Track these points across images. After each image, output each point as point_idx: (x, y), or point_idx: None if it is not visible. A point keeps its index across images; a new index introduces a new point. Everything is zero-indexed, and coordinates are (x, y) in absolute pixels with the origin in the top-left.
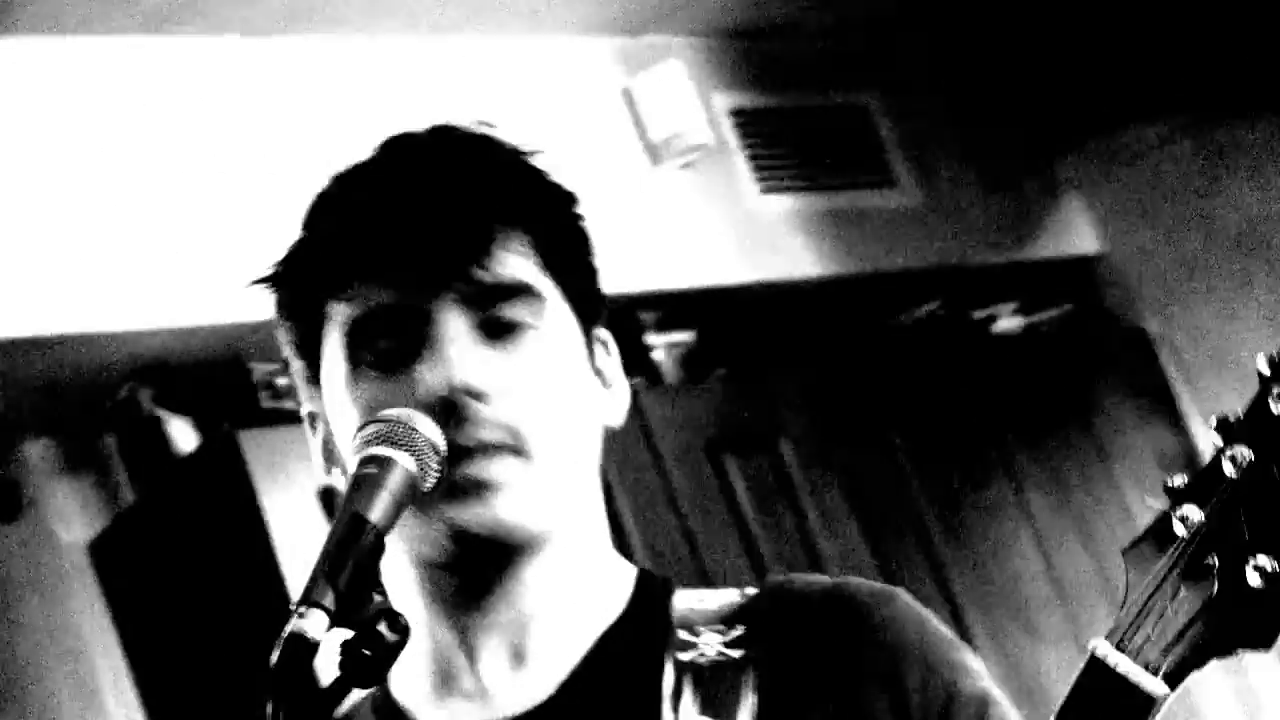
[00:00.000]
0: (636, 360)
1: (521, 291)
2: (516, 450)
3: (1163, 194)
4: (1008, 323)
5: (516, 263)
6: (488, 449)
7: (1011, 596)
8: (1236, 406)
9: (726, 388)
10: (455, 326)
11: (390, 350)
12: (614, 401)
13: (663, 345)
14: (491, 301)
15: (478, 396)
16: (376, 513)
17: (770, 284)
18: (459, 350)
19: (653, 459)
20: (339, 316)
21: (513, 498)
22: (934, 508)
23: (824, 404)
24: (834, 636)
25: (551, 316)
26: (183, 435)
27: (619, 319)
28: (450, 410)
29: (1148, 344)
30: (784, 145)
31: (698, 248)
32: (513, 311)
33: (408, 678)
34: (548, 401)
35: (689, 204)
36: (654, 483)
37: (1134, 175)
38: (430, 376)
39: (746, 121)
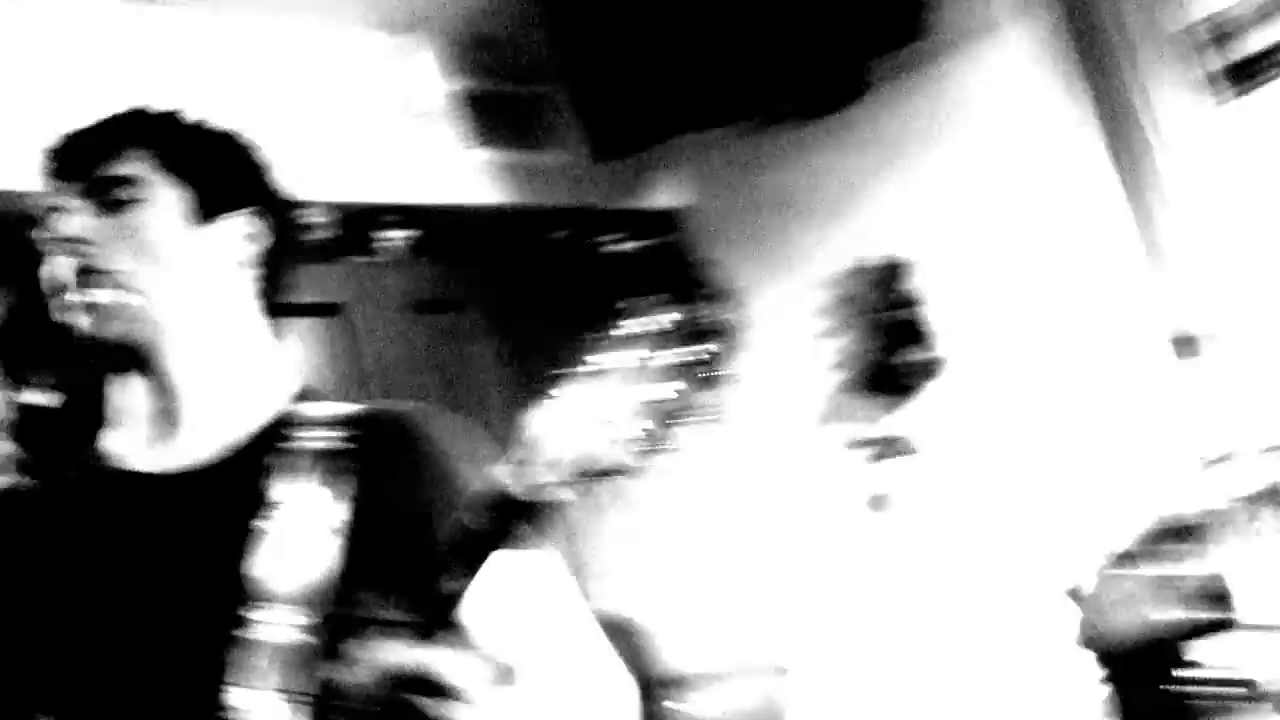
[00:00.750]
0: (378, 246)
1: (130, 182)
2: (115, 281)
3: (730, 169)
4: (620, 246)
5: (133, 166)
6: (91, 278)
7: None
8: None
9: (434, 269)
10: (77, 206)
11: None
12: (240, 256)
13: (397, 237)
14: (107, 188)
15: (82, 243)
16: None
17: (471, 206)
18: (73, 218)
19: (381, 312)
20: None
21: (112, 310)
22: (566, 358)
23: (497, 284)
24: (401, 442)
25: (159, 197)
26: None
27: (368, 218)
28: (67, 255)
29: (713, 267)
30: (491, 117)
31: (427, 178)
32: (122, 193)
33: (118, 435)
34: (143, 246)
35: (424, 149)
36: (383, 328)
37: (712, 157)
38: (58, 238)
39: (468, 99)
